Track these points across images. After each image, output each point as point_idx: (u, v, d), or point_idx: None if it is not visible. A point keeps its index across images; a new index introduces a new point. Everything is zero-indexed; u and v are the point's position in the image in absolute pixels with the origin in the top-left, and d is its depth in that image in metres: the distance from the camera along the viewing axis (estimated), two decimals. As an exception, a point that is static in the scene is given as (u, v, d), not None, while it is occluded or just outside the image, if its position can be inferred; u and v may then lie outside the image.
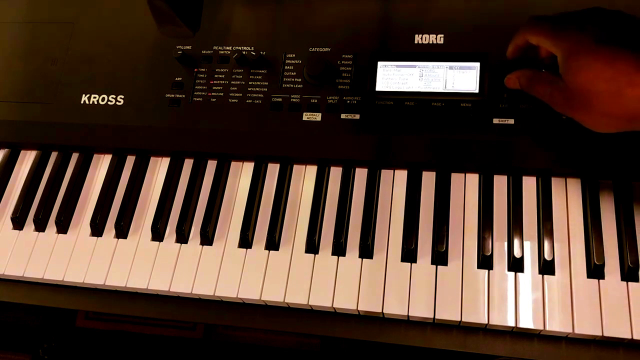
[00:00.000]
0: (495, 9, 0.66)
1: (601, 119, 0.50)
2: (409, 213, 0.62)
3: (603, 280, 0.56)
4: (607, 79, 0.47)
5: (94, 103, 0.72)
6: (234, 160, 0.69)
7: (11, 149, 0.75)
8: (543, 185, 0.61)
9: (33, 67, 0.76)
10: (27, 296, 0.68)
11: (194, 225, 0.66)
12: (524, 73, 0.58)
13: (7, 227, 0.70)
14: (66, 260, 0.66)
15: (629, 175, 0.60)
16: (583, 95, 0.49)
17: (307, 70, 0.67)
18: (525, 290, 0.57)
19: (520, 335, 0.58)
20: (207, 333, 1.20)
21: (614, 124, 0.49)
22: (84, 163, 0.72)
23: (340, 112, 0.66)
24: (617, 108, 0.47)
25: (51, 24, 0.78)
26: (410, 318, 0.59)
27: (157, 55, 0.73)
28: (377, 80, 0.66)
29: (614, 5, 0.62)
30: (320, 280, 0.60)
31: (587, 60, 0.48)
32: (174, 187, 0.69)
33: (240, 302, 0.63)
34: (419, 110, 0.64)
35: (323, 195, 0.65)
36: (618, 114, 0.48)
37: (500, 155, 0.61)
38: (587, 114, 0.50)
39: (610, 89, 0.47)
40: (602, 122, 0.50)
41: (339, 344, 1.14)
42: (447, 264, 0.59)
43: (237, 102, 0.69)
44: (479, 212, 0.61)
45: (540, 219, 0.60)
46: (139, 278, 0.64)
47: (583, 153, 0.60)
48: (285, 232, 0.64)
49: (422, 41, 0.67)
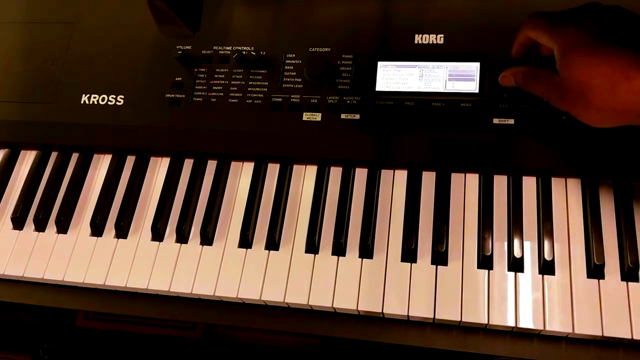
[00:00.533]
0: (495, 9, 0.66)
1: (597, 114, 0.50)
2: (409, 213, 0.62)
3: (603, 280, 0.56)
4: (603, 74, 0.47)
5: (94, 103, 0.72)
6: (234, 160, 0.69)
7: (11, 149, 0.75)
8: (543, 185, 0.61)
9: (33, 67, 0.76)
10: (27, 296, 0.68)
11: (194, 225, 0.66)
12: (518, 70, 0.58)
13: (7, 227, 0.70)
14: (66, 260, 0.66)
15: (629, 175, 0.60)
16: (579, 89, 0.49)
17: (307, 70, 0.67)
18: (525, 290, 0.57)
19: (520, 335, 0.58)
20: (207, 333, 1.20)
21: (609, 118, 0.50)
22: (84, 163, 0.72)
23: (340, 112, 0.66)
24: (613, 102, 0.48)
25: (51, 24, 0.78)
26: (410, 318, 0.59)
27: (157, 55, 0.73)
28: (377, 80, 0.66)
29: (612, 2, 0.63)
30: (320, 280, 0.60)
31: (583, 55, 0.49)
32: (174, 187, 0.69)
33: (240, 302, 0.63)
34: (419, 110, 0.64)
35: (323, 195, 0.65)
36: (614, 108, 0.48)
37: (500, 155, 0.61)
38: (583, 108, 0.51)
39: (605, 83, 0.47)
40: (598, 116, 0.50)
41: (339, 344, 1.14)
42: (447, 264, 0.59)
43: (237, 102, 0.69)
44: (479, 212, 0.61)
45: (540, 219, 0.60)
46: (139, 278, 0.64)
47: (583, 153, 0.60)
48: (285, 232, 0.64)
49: (422, 41, 0.67)
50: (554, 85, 0.52)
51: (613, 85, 0.47)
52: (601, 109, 0.49)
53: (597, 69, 0.47)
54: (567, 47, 0.50)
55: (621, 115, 0.48)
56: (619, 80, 0.46)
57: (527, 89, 0.57)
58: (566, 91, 0.51)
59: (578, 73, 0.49)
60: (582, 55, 0.49)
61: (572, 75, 0.50)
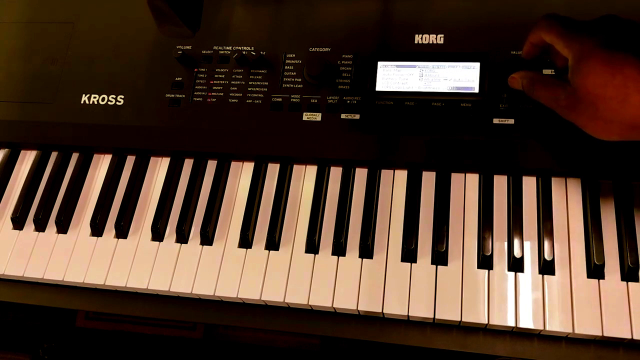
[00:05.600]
0: (495, 9, 0.66)
1: (604, 125, 0.50)
2: (409, 213, 0.62)
3: (603, 280, 0.56)
4: (616, 85, 0.47)
5: (94, 103, 0.72)
6: (234, 160, 0.69)
7: (11, 149, 0.75)
8: (543, 185, 0.61)
9: (33, 67, 0.76)
10: (27, 296, 0.68)
11: (194, 225, 0.66)
12: (526, 74, 0.58)
13: (7, 227, 0.70)
14: (66, 260, 0.66)
15: (629, 175, 0.60)
16: (590, 100, 0.49)
17: (307, 70, 0.67)
18: (525, 290, 0.57)
19: (520, 335, 0.58)
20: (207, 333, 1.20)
21: (617, 131, 0.49)
22: (84, 163, 0.72)
23: (340, 112, 0.66)
24: (622, 115, 0.47)
25: (51, 24, 0.78)
26: (410, 318, 0.59)
27: (157, 55, 0.73)
28: (377, 80, 0.66)
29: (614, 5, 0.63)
30: (320, 280, 0.60)
31: (597, 65, 0.48)
32: (174, 187, 0.69)
33: (240, 302, 0.63)
34: (419, 110, 0.64)
35: (323, 195, 0.65)
36: (622, 121, 0.48)
37: (500, 155, 0.61)
38: (591, 119, 0.50)
39: (618, 95, 0.47)
40: (605, 128, 0.50)
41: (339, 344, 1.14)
42: (447, 264, 0.59)
43: (237, 102, 0.69)
44: (479, 212, 0.61)
45: (540, 219, 0.60)
46: (139, 278, 0.64)
47: (583, 153, 0.60)
48: (285, 232, 0.64)
49: (422, 41, 0.67)
50: (564, 93, 0.52)
51: (625, 97, 0.47)
52: (609, 121, 0.49)
53: (612, 79, 0.47)
54: (582, 57, 0.50)
55: (628, 129, 0.48)
56: (631, 93, 0.46)
57: (533, 95, 0.57)
58: (576, 101, 0.51)
59: (591, 83, 0.49)
60: (597, 65, 0.48)
61: (585, 84, 0.49)
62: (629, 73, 0.47)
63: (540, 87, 0.56)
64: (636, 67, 0.46)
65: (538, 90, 0.56)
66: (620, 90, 0.47)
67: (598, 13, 0.53)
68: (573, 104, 0.51)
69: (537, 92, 0.56)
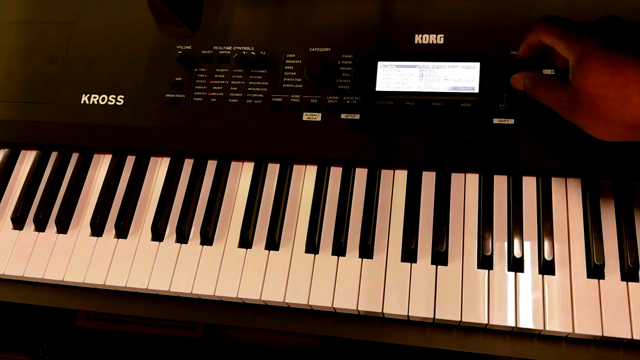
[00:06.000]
0: (495, 9, 0.66)
1: (605, 126, 0.50)
2: (409, 213, 0.62)
3: (603, 280, 0.56)
4: (618, 86, 0.47)
5: (94, 103, 0.72)
6: (234, 160, 0.69)
7: (11, 149, 0.75)
8: (543, 185, 0.61)
9: (33, 67, 0.76)
10: (27, 296, 0.68)
11: (194, 225, 0.66)
12: (529, 75, 0.58)
13: (7, 227, 0.70)
14: (66, 260, 0.66)
15: (629, 175, 0.60)
16: (591, 100, 0.49)
17: (307, 70, 0.67)
18: (525, 290, 0.57)
19: (520, 335, 0.58)
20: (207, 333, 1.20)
21: (617, 131, 0.49)
22: (84, 163, 0.72)
23: (340, 112, 0.66)
24: (624, 116, 0.47)
25: (51, 24, 0.78)
26: (410, 318, 0.59)
27: (157, 55, 0.73)
28: (377, 80, 0.66)
29: (614, 5, 0.63)
30: (320, 280, 0.60)
31: (599, 66, 0.48)
32: (174, 187, 0.69)
33: (240, 302, 0.63)
34: (419, 110, 0.64)
35: (323, 195, 0.65)
36: (623, 121, 0.48)
37: (500, 155, 0.61)
38: (591, 120, 0.50)
39: (619, 95, 0.47)
40: (606, 128, 0.50)
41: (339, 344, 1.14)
42: (447, 264, 0.59)
43: (237, 102, 0.69)
44: (479, 212, 0.61)
45: (540, 219, 0.60)
46: (139, 278, 0.64)
47: (583, 153, 0.60)
48: (285, 232, 0.64)
49: (422, 41, 0.67)
50: (565, 94, 0.52)
51: (626, 98, 0.47)
52: (610, 122, 0.49)
53: (613, 80, 0.47)
54: (583, 58, 0.50)
55: (629, 129, 0.48)
56: (632, 94, 0.46)
57: (534, 96, 0.57)
58: (577, 101, 0.51)
59: (592, 83, 0.49)
60: (598, 66, 0.48)
61: (586, 85, 0.49)
62: (630, 74, 0.47)
63: (542, 87, 0.56)
64: (637, 67, 0.46)
65: (539, 90, 0.56)
66: (621, 91, 0.47)
67: (598, 13, 0.53)
68: (574, 105, 0.51)
69: (538, 93, 0.56)
